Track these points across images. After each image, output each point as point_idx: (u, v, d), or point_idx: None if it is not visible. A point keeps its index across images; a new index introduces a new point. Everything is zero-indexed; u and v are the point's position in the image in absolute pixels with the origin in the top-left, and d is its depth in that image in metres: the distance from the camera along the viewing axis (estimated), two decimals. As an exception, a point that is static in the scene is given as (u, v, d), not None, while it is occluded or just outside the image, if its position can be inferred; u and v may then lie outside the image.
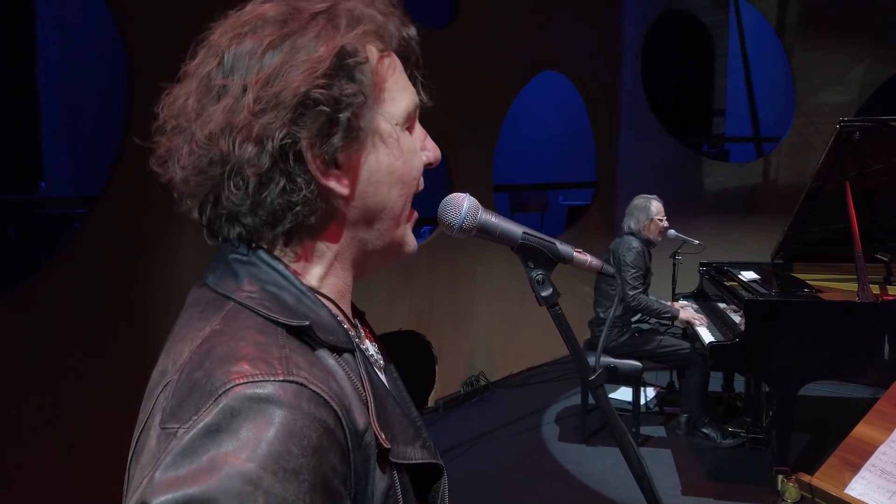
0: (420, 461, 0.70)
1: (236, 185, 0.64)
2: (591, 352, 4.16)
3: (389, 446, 0.65)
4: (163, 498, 0.51)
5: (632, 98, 6.20)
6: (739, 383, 4.62)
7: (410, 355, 4.64)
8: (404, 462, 0.67)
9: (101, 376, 2.80)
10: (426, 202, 0.83)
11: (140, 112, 2.84)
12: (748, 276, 3.95)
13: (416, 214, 0.76)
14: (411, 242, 0.76)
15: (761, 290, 3.60)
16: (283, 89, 0.62)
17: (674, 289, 4.65)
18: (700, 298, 4.51)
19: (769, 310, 3.31)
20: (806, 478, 1.41)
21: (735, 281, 4.04)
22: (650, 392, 4.77)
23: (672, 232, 4.35)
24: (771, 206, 6.01)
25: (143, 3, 2.86)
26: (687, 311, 4.05)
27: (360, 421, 0.62)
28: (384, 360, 0.82)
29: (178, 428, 0.55)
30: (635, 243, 4.04)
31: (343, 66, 0.64)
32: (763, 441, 3.90)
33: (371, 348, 0.79)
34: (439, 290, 4.64)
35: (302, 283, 0.68)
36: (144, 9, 2.85)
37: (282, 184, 0.64)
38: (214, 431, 0.54)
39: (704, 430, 4.06)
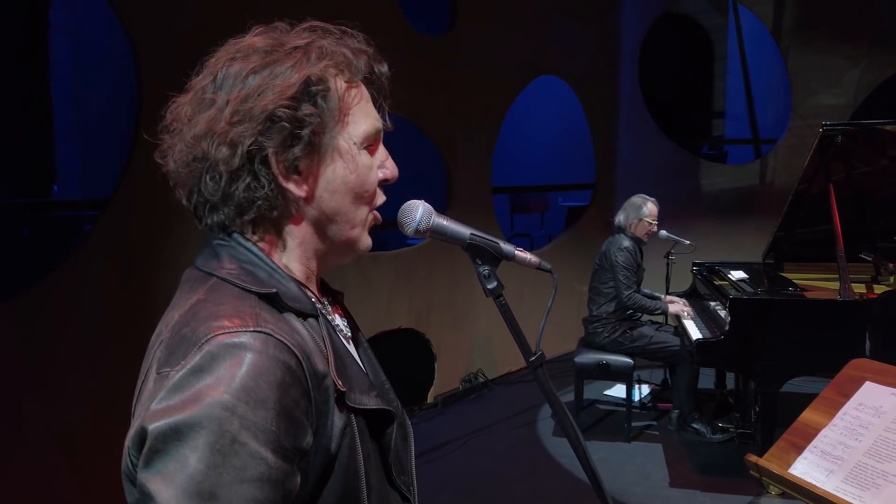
0: (373, 407, 0.84)
1: (211, 178, 0.79)
2: (584, 349, 4.28)
3: (345, 389, 0.79)
4: (158, 423, 0.66)
5: (630, 101, 6.31)
6: (731, 381, 4.72)
7: (410, 353, 4.77)
8: (359, 407, 0.82)
9: (111, 375, 2.92)
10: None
11: (148, 117, 2.98)
12: (737, 275, 4.06)
13: (375, 215, 0.91)
14: (364, 241, 0.91)
15: (748, 288, 3.72)
16: (255, 106, 0.78)
17: (667, 288, 4.76)
18: (692, 297, 4.62)
19: (753, 308, 3.42)
20: (753, 458, 1.53)
21: (725, 280, 4.16)
22: (644, 389, 4.88)
23: (664, 233, 4.46)
24: (767, 207, 6.09)
25: (152, 14, 2.99)
26: (675, 304, 4.17)
27: (320, 366, 0.77)
28: (353, 332, 0.97)
29: (170, 371, 0.70)
30: (626, 242, 4.17)
31: (308, 91, 0.80)
32: (751, 436, 4.00)
33: (339, 320, 0.94)
34: (439, 289, 4.77)
35: (273, 262, 0.83)
36: (152, 18, 2.99)
37: (247, 181, 0.79)
38: (198, 371, 0.68)
39: (695, 426, 4.17)
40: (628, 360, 4.11)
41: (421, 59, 4.45)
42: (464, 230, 0.98)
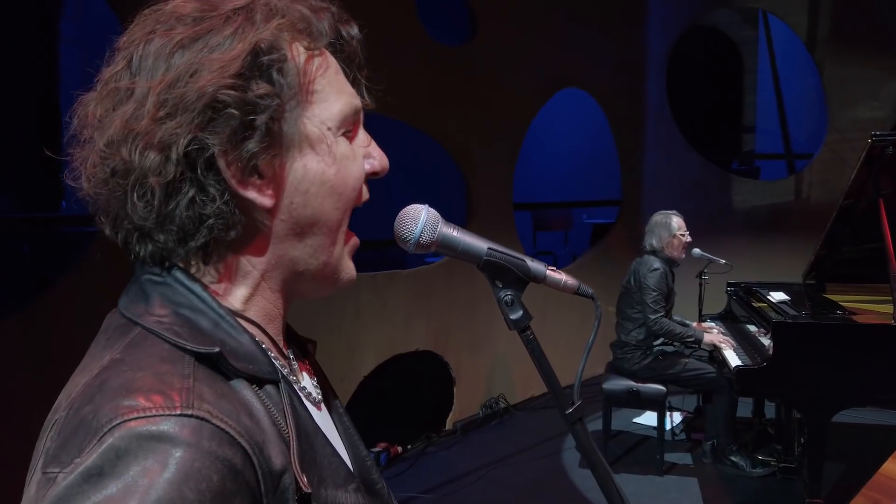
0: None
1: (141, 196, 0.58)
2: (612, 375, 4.03)
3: (310, 490, 0.57)
4: None
5: (657, 115, 6.09)
6: (770, 409, 4.42)
7: (428, 376, 4.56)
8: None
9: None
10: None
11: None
12: (777, 297, 3.78)
13: (356, 240, 0.69)
14: (348, 268, 0.69)
15: (791, 311, 3.45)
16: (188, 90, 0.56)
17: (700, 310, 4.50)
18: (728, 320, 4.35)
19: (799, 333, 3.15)
20: (828, 519, 1.29)
21: (764, 302, 3.88)
22: (676, 417, 4.60)
23: (697, 251, 4.22)
24: (803, 224, 5.81)
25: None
26: (712, 333, 3.89)
27: (278, 461, 0.55)
28: (326, 394, 0.74)
29: (59, 473, 0.49)
30: (657, 264, 3.91)
31: (257, 64, 0.58)
32: (795, 470, 3.71)
33: (307, 381, 0.71)
34: (457, 310, 4.55)
35: (221, 306, 0.61)
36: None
37: (190, 194, 0.58)
38: (97, 475, 0.47)
39: (733, 458, 3.88)
40: (661, 387, 3.84)
41: (440, 70, 4.28)
42: (480, 244, 0.75)
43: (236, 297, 0.64)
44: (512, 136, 4.94)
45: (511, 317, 0.76)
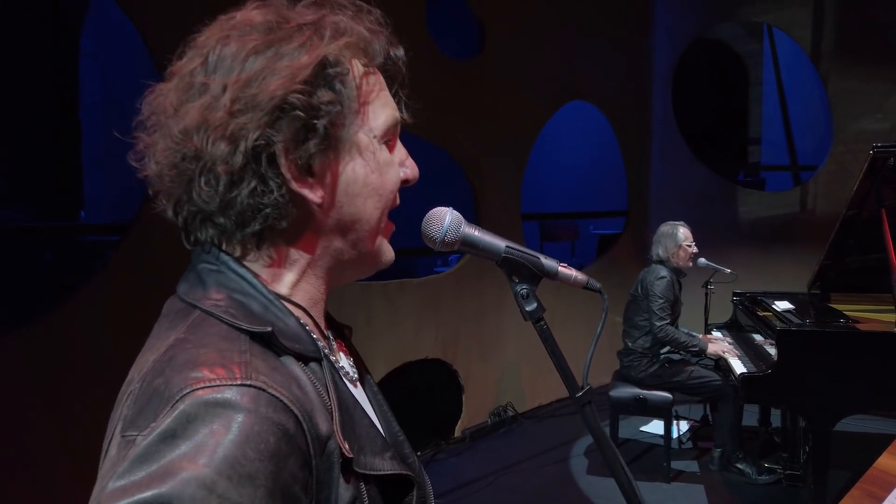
0: (388, 472, 0.68)
1: (207, 182, 0.64)
2: (619, 383, 4.08)
3: (352, 455, 0.64)
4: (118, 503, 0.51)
5: (663, 127, 6.17)
6: (776, 417, 4.46)
7: (437, 384, 4.61)
8: (371, 473, 0.66)
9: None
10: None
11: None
12: (782, 305, 3.84)
13: (391, 225, 0.76)
14: (388, 252, 0.76)
15: (795, 320, 3.50)
16: (260, 92, 0.63)
17: (706, 319, 4.55)
18: (734, 329, 4.40)
19: (803, 340, 3.20)
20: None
21: (769, 311, 3.93)
22: (683, 425, 4.64)
23: (703, 261, 4.28)
24: (808, 235, 5.87)
25: (179, 41, 2.97)
26: (717, 343, 3.94)
27: (324, 427, 0.62)
28: (361, 374, 0.81)
29: (137, 435, 0.55)
30: (664, 272, 3.97)
31: (324, 75, 0.66)
32: (800, 478, 3.75)
33: (344, 361, 0.78)
34: (466, 319, 4.62)
35: (269, 291, 0.68)
36: (178, 43, 2.96)
37: (252, 184, 0.64)
38: (170, 437, 0.54)
39: (739, 466, 3.92)
40: (667, 395, 3.89)
41: (450, 84, 4.38)
42: (499, 242, 0.83)
43: (284, 282, 0.70)
44: (520, 147, 5.02)
45: (527, 308, 0.83)
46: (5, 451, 2.58)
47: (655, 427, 4.60)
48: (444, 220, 0.82)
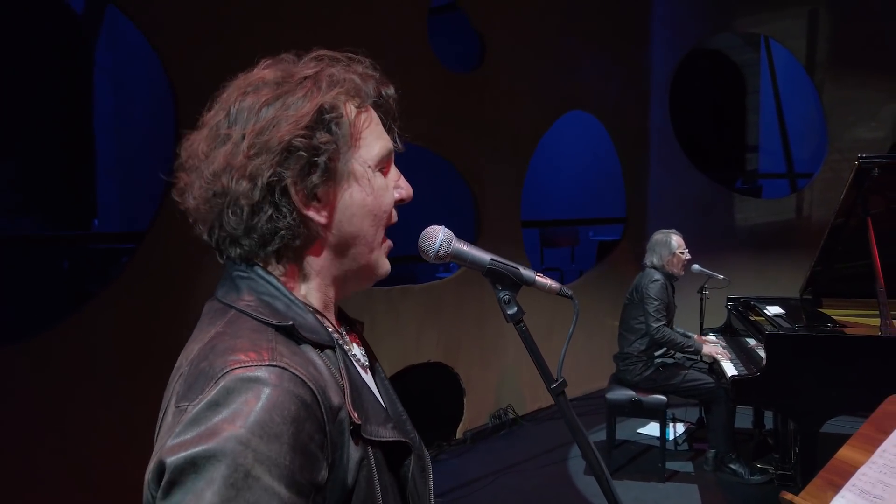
0: (389, 439, 0.83)
1: (233, 212, 0.80)
2: (615, 386, 4.20)
3: (360, 422, 0.78)
4: (175, 457, 0.67)
5: (661, 135, 6.29)
6: (770, 420, 4.57)
7: (439, 387, 4.74)
8: (376, 439, 0.81)
9: (141, 401, 2.97)
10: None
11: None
12: (773, 310, 3.96)
13: (389, 242, 0.91)
14: (384, 265, 0.91)
15: (784, 324, 3.62)
16: (271, 138, 0.78)
17: (701, 324, 4.67)
18: (727, 333, 4.52)
19: (790, 344, 3.32)
20: (789, 496, 1.48)
21: (761, 316, 4.05)
22: (679, 428, 4.75)
23: (696, 267, 4.40)
24: (805, 241, 5.97)
25: (191, 55, 3.11)
26: (711, 345, 4.06)
27: (335, 400, 0.77)
28: (371, 363, 0.97)
29: (188, 405, 0.71)
30: (657, 276, 4.11)
31: (322, 119, 0.81)
32: (791, 478, 3.86)
33: (356, 350, 0.94)
34: (467, 324, 4.75)
35: (291, 293, 0.83)
36: (192, 60, 3.11)
37: (269, 212, 0.79)
38: (215, 405, 0.69)
39: (732, 466, 4.03)
40: (662, 397, 4.01)
41: (451, 96, 4.52)
42: (484, 255, 0.98)
43: (300, 289, 0.86)
44: (520, 156, 5.15)
45: (508, 312, 0.98)
46: (31, 451, 2.70)
47: (652, 429, 4.72)
48: (438, 236, 0.96)
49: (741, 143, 8.22)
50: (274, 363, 0.72)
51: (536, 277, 0.99)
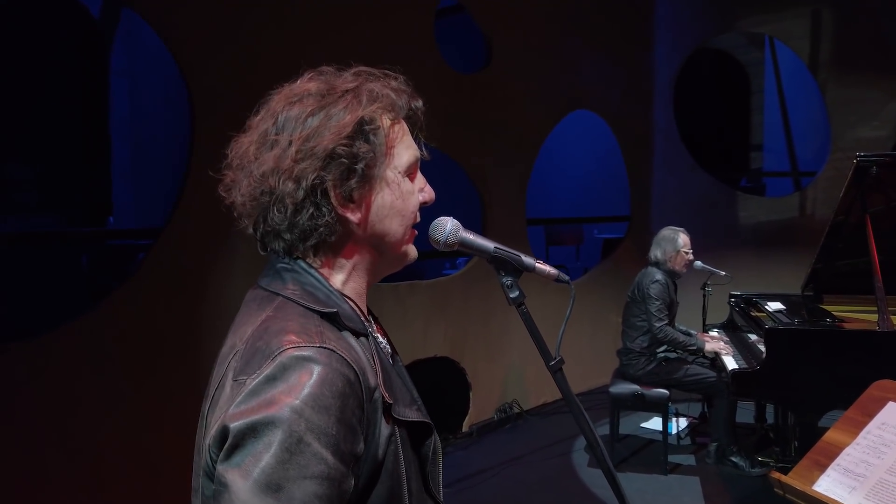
0: (414, 419, 0.93)
1: (279, 209, 0.89)
2: (619, 380, 4.28)
3: (391, 402, 0.88)
4: (238, 422, 0.76)
5: (665, 135, 6.36)
6: (771, 415, 4.64)
7: (445, 381, 4.82)
8: (403, 419, 0.91)
9: (160, 394, 3.07)
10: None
11: (201, 154, 3.17)
12: (774, 306, 4.03)
13: (415, 233, 1.02)
14: (412, 252, 1.02)
15: (784, 319, 3.69)
16: (316, 145, 0.88)
17: (704, 319, 4.74)
18: (730, 329, 4.59)
19: (789, 338, 3.39)
20: (777, 475, 1.56)
21: (762, 311, 4.13)
22: (682, 422, 4.83)
23: (699, 263, 4.46)
24: (807, 239, 5.99)
25: (206, 57, 3.21)
26: (713, 342, 4.14)
27: (372, 381, 0.87)
28: (392, 350, 1.07)
29: (247, 378, 0.80)
30: (659, 275, 4.18)
31: (361, 131, 0.91)
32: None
33: (382, 339, 1.04)
34: (474, 319, 4.83)
35: (330, 285, 0.94)
36: (207, 62, 3.21)
37: (311, 211, 0.89)
38: (272, 379, 0.78)
39: (733, 459, 4.11)
40: (664, 391, 4.09)
41: (457, 96, 4.60)
42: (488, 244, 1.07)
43: (337, 279, 0.96)
44: (525, 155, 5.23)
45: (511, 295, 1.07)
46: (51, 440, 2.80)
47: (655, 423, 4.80)
48: (446, 226, 1.06)
49: (745, 142, 8.28)
50: (324, 345, 0.81)
51: (536, 264, 1.08)
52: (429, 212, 1.12)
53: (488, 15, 4.85)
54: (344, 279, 0.96)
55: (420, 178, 1.01)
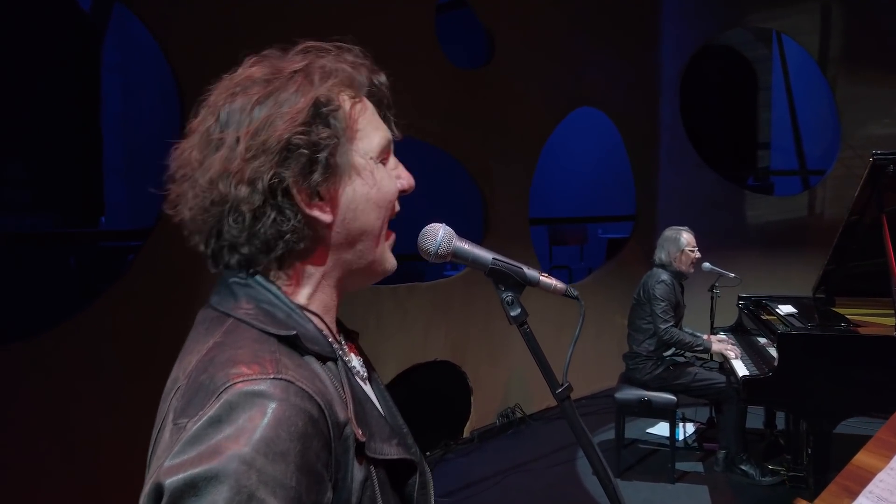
0: (394, 457, 0.79)
1: (234, 220, 0.75)
2: (625, 385, 4.16)
3: (364, 440, 0.74)
4: (173, 478, 0.62)
5: (671, 132, 6.24)
6: (781, 420, 4.51)
7: (446, 385, 4.71)
8: (380, 457, 0.76)
9: (149, 397, 2.97)
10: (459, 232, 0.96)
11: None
12: (785, 309, 3.90)
13: (393, 236, 0.87)
14: (390, 260, 0.87)
15: (797, 323, 3.57)
16: (268, 138, 0.74)
17: (712, 322, 4.62)
18: (738, 332, 4.47)
19: (803, 343, 3.27)
20: (803, 503, 1.44)
21: (773, 315, 4.00)
22: (689, 428, 4.70)
23: (707, 265, 4.35)
24: (817, 239, 5.89)
25: (198, 54, 3.10)
26: (720, 343, 4.02)
27: (341, 415, 0.72)
28: (369, 372, 0.92)
29: (187, 421, 0.66)
30: (664, 276, 4.06)
31: (318, 114, 0.76)
32: (803, 480, 3.81)
33: (355, 361, 0.89)
34: (475, 322, 4.72)
35: (291, 302, 0.79)
36: (199, 58, 3.09)
37: (273, 216, 0.75)
38: (217, 422, 0.64)
39: (743, 467, 3.98)
40: (671, 397, 3.97)
41: (459, 92, 4.49)
42: (486, 255, 0.94)
43: (302, 294, 0.81)
44: (528, 153, 5.12)
45: (511, 314, 0.94)
46: (40, 447, 2.70)
47: (661, 429, 4.67)
48: (438, 234, 0.92)
49: (753, 140, 8.14)
50: (279, 376, 0.68)
51: (541, 277, 0.95)
52: (425, 214, 0.99)
53: (491, 10, 4.74)
54: (310, 292, 0.82)
55: (393, 162, 0.86)
